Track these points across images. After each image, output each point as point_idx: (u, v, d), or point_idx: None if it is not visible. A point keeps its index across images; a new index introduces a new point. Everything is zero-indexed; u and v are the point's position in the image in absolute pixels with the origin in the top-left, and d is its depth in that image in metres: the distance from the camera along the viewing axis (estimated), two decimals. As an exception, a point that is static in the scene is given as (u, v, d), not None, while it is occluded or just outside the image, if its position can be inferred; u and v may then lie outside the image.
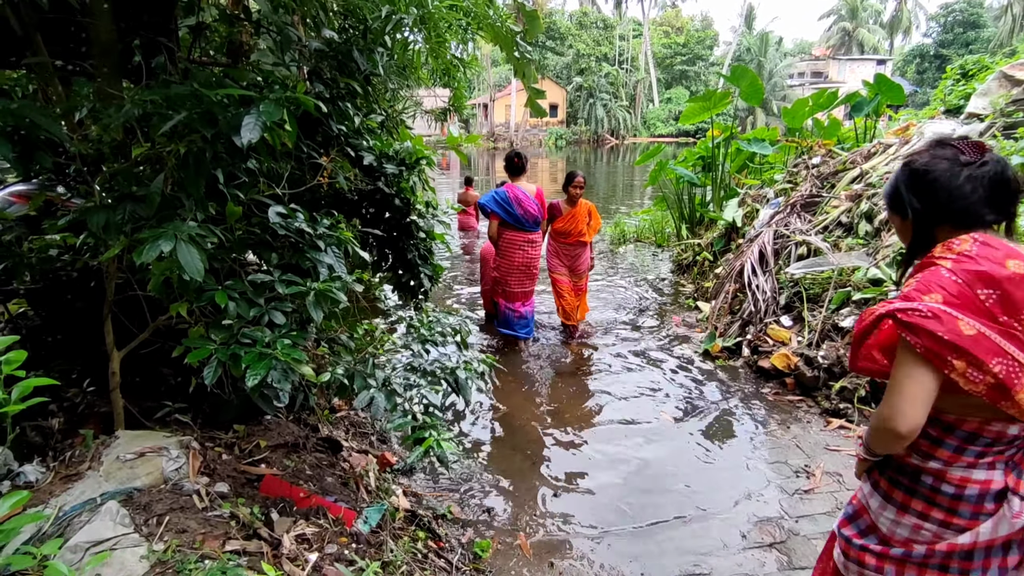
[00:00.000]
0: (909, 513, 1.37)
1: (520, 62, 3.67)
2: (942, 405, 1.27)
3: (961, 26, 49.85)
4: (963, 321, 1.19)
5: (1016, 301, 1.20)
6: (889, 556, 1.40)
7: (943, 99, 7.57)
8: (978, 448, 1.29)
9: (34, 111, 1.55)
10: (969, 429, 1.28)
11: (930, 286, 1.24)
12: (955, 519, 1.32)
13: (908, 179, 1.37)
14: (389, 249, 3.07)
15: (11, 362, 1.17)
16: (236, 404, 2.39)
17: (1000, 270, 1.22)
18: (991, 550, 1.30)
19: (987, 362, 1.17)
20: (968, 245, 1.26)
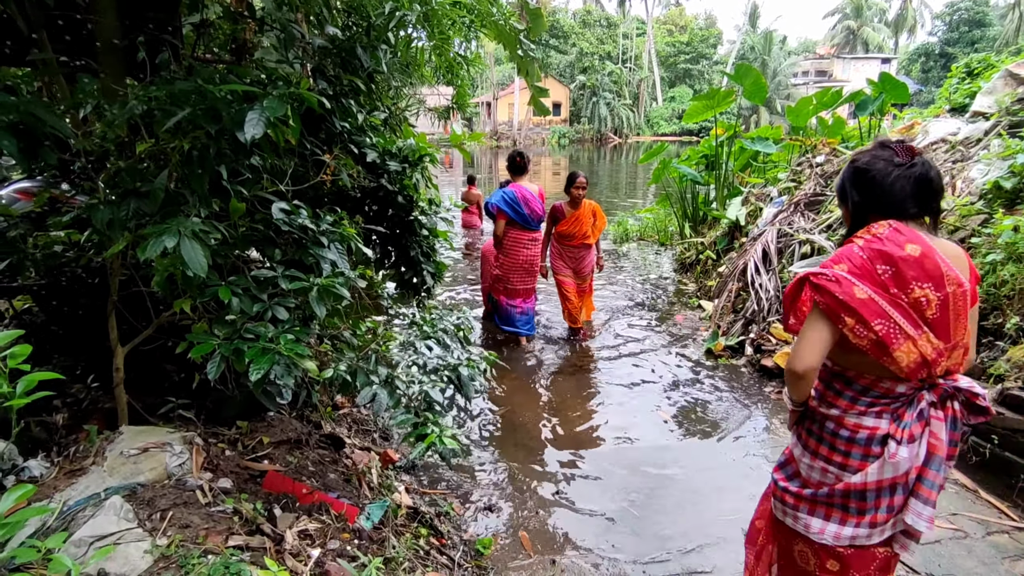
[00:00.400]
0: (818, 458, 1.65)
1: (523, 60, 3.67)
2: (845, 363, 1.58)
3: (967, 24, 49.61)
4: (858, 287, 1.46)
5: (906, 278, 1.45)
6: (803, 496, 1.67)
7: (948, 97, 7.52)
8: (869, 399, 1.56)
9: (39, 107, 1.55)
10: (863, 384, 1.56)
11: (840, 258, 1.53)
12: (849, 461, 1.58)
13: (852, 175, 1.62)
14: (392, 246, 3.07)
15: (16, 356, 1.18)
16: (239, 400, 2.40)
17: (898, 251, 1.45)
18: (880, 491, 1.55)
19: (871, 322, 1.44)
20: (882, 229, 1.50)
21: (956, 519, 2.72)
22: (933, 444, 1.52)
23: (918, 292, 1.45)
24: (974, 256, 3.84)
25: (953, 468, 2.81)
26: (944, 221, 4.33)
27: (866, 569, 1.64)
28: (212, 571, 1.48)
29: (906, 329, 1.45)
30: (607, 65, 46.64)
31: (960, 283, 1.47)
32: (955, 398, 1.53)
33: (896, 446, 1.51)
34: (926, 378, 1.52)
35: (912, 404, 1.54)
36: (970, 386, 1.54)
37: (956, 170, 4.90)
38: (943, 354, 1.49)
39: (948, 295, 1.46)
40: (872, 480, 1.54)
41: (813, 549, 1.69)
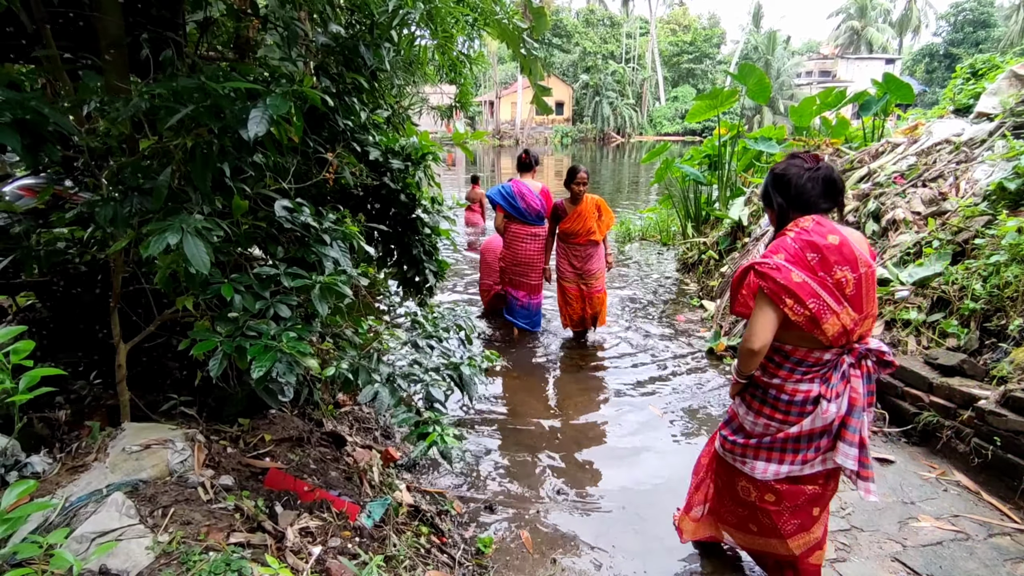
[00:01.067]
0: (762, 416, 2.01)
1: (526, 59, 3.66)
2: (783, 340, 1.89)
3: (971, 25, 49.42)
4: (794, 272, 1.76)
5: (830, 262, 1.77)
6: (749, 445, 2.05)
7: (952, 98, 7.50)
8: (803, 369, 1.90)
9: (43, 104, 1.55)
10: (798, 356, 1.90)
11: (778, 249, 1.83)
12: (789, 418, 1.95)
13: (773, 182, 1.96)
14: (394, 244, 3.07)
15: (19, 352, 1.18)
16: (241, 398, 2.40)
17: (823, 241, 1.78)
18: (812, 437, 1.94)
19: (806, 301, 1.75)
20: (808, 223, 1.84)
21: (958, 521, 2.71)
22: (853, 397, 1.88)
23: (839, 274, 1.78)
24: (977, 258, 3.83)
25: (951, 467, 3.09)
26: (948, 222, 4.32)
27: (795, 500, 2.03)
28: (213, 568, 1.49)
29: (832, 306, 1.77)
30: (610, 64, 46.59)
31: (868, 264, 1.81)
32: (868, 357, 1.89)
33: (827, 403, 1.88)
34: (845, 344, 1.86)
35: (836, 368, 1.90)
36: (879, 346, 1.90)
37: (960, 171, 4.89)
38: (859, 324, 1.83)
39: (861, 275, 1.79)
40: (806, 429, 1.92)
41: (755, 485, 2.08)
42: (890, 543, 2.59)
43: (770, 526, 2.09)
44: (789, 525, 2.05)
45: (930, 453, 3.29)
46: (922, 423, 3.34)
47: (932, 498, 2.90)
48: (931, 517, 2.75)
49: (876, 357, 1.90)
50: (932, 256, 4.10)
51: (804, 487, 2.01)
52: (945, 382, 3.27)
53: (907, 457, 3.27)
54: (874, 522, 2.73)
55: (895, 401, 3.55)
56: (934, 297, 3.90)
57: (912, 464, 3.20)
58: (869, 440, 1.89)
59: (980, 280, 3.68)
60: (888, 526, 2.70)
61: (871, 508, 2.83)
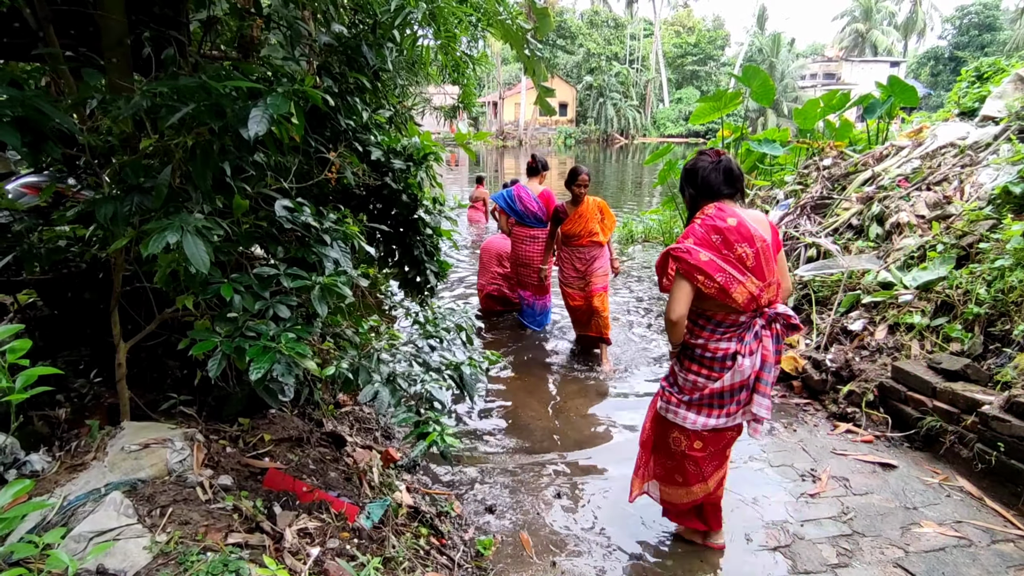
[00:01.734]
0: (691, 373, 2.32)
1: (530, 60, 3.66)
2: (704, 307, 2.24)
3: (976, 28, 49.28)
4: (702, 253, 2.10)
5: (730, 241, 2.10)
6: (683, 400, 2.36)
7: (957, 101, 7.47)
8: (722, 330, 2.24)
9: (44, 102, 1.55)
10: (718, 319, 2.23)
11: (688, 234, 2.18)
12: (713, 373, 2.27)
13: (685, 176, 2.32)
14: (396, 245, 3.06)
15: (15, 351, 1.17)
16: (241, 397, 2.40)
17: (723, 223, 2.11)
18: (733, 391, 2.26)
19: (714, 275, 2.08)
20: (711, 210, 2.18)
21: (961, 527, 2.70)
22: (765, 354, 2.22)
23: (740, 250, 2.11)
24: (982, 262, 3.81)
25: (954, 472, 3.14)
26: (953, 226, 4.30)
27: (718, 444, 2.42)
28: (211, 568, 1.48)
29: (737, 276, 2.11)
30: (614, 66, 46.57)
31: (764, 239, 2.15)
32: (777, 320, 2.24)
33: (742, 359, 2.20)
34: (755, 308, 2.20)
35: (750, 328, 2.23)
36: (785, 311, 2.23)
37: (965, 175, 4.87)
38: (763, 290, 2.17)
39: (758, 249, 2.13)
40: (727, 384, 2.24)
41: (685, 435, 2.41)
42: (892, 549, 2.57)
43: (695, 473, 2.45)
44: (709, 467, 2.46)
45: (933, 458, 3.27)
46: (925, 428, 3.32)
47: (935, 503, 2.88)
48: (934, 523, 2.73)
49: (784, 321, 2.24)
50: (936, 260, 4.08)
51: (724, 434, 2.41)
52: (948, 387, 3.25)
53: (910, 462, 3.25)
54: (876, 527, 2.71)
55: (898, 405, 3.54)
56: (938, 301, 3.88)
57: (915, 469, 3.18)
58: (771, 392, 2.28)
59: (984, 284, 3.66)
60: (890, 531, 2.68)
61: (873, 513, 2.81)
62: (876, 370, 3.79)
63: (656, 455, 2.59)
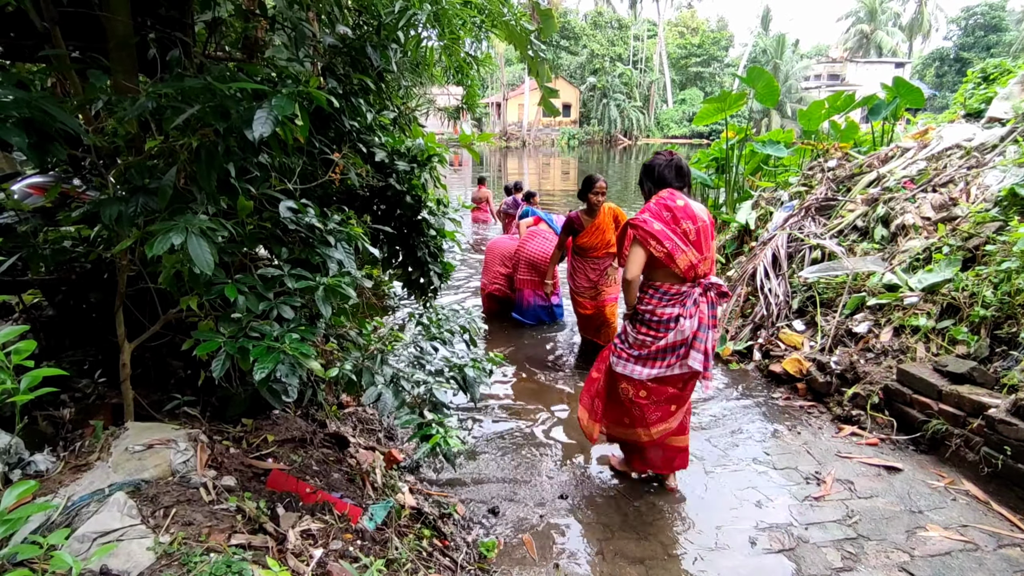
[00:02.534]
0: (641, 334, 2.80)
1: (534, 61, 3.65)
2: (653, 278, 2.76)
3: (982, 29, 49.06)
4: (655, 223, 2.63)
5: (677, 217, 2.63)
6: (631, 355, 2.82)
7: (963, 103, 7.44)
8: (667, 298, 2.72)
9: (50, 103, 1.56)
10: (664, 288, 2.73)
11: (644, 210, 2.72)
12: (658, 333, 2.74)
13: (644, 171, 2.88)
14: (399, 246, 3.06)
15: (20, 352, 1.18)
16: (244, 398, 2.40)
17: (673, 203, 2.67)
18: (675, 347, 2.71)
19: (663, 242, 2.60)
20: (665, 193, 2.74)
21: (967, 531, 2.68)
22: (701, 317, 2.67)
23: (684, 226, 2.64)
24: (988, 264, 3.79)
25: (960, 476, 3.09)
26: (959, 228, 4.28)
27: (660, 396, 2.82)
28: (214, 570, 1.48)
29: (681, 246, 2.62)
30: (618, 67, 46.55)
31: (704, 221, 2.68)
32: (711, 289, 2.70)
33: (684, 320, 2.67)
34: (693, 278, 2.69)
35: (689, 296, 2.70)
36: (717, 282, 2.73)
37: (971, 176, 4.84)
38: (700, 262, 2.67)
39: (699, 227, 2.65)
40: (670, 342, 2.70)
41: (632, 384, 2.83)
42: (897, 552, 2.55)
43: (640, 417, 2.87)
44: (653, 416, 2.85)
45: (939, 461, 3.25)
46: (931, 431, 3.30)
47: (940, 507, 2.86)
48: (939, 527, 2.71)
49: (716, 290, 2.73)
50: (942, 262, 4.06)
51: (667, 388, 2.80)
52: (954, 390, 3.23)
53: (915, 465, 3.23)
54: (881, 531, 2.70)
55: (903, 408, 3.52)
56: (944, 304, 3.85)
57: (920, 472, 3.16)
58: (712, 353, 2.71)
59: (991, 287, 3.64)
60: (895, 535, 2.67)
61: (878, 517, 2.79)
62: (881, 372, 3.78)
63: (608, 403, 3.02)
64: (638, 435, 2.93)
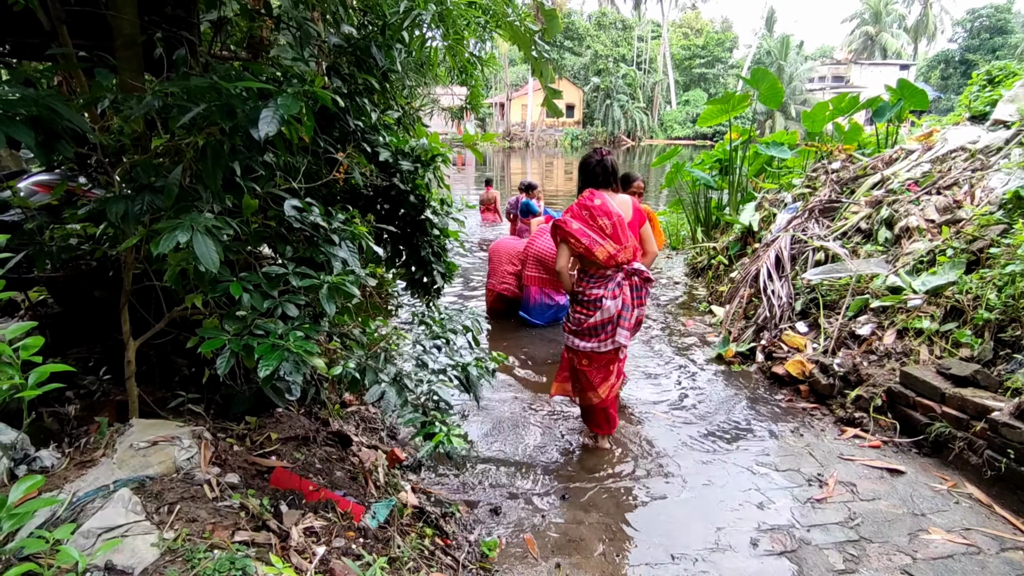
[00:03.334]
0: (576, 312, 3.23)
1: (538, 61, 3.66)
2: (584, 265, 3.18)
3: (988, 31, 48.91)
4: (573, 223, 3.04)
5: (595, 215, 3.03)
6: (573, 330, 3.26)
7: (968, 105, 7.42)
8: (595, 281, 3.15)
9: (57, 101, 1.57)
10: (591, 272, 3.16)
11: (567, 211, 3.13)
12: (589, 312, 3.15)
13: (579, 167, 3.24)
14: (403, 245, 3.07)
15: (28, 348, 1.18)
16: (248, 396, 2.41)
17: (590, 203, 3.06)
18: (603, 325, 3.14)
19: (581, 239, 3.01)
20: (586, 193, 3.12)
21: (970, 534, 2.67)
22: (624, 298, 3.13)
23: (601, 222, 3.05)
24: (992, 267, 3.78)
25: (963, 479, 3.11)
26: (963, 231, 4.27)
27: (600, 363, 3.29)
28: (218, 566, 1.49)
29: (598, 240, 3.04)
30: (621, 67, 46.51)
31: (619, 216, 3.07)
32: (634, 274, 3.16)
33: (607, 301, 3.11)
34: (615, 265, 3.12)
35: (613, 279, 3.14)
36: (640, 268, 3.18)
37: (975, 179, 4.83)
38: (620, 251, 3.08)
39: (614, 222, 3.05)
40: (598, 320, 3.14)
41: (576, 354, 3.32)
42: (899, 555, 2.55)
43: (587, 382, 3.34)
44: (596, 378, 3.32)
45: (942, 464, 3.24)
46: (934, 434, 3.30)
47: (943, 510, 2.86)
48: (942, 530, 2.71)
49: (640, 275, 3.17)
50: (946, 265, 4.05)
51: (603, 356, 3.28)
52: (958, 392, 3.22)
53: (918, 468, 3.22)
54: (883, 533, 2.69)
55: (906, 411, 3.51)
56: (947, 306, 3.85)
57: (923, 475, 3.16)
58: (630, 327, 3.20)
59: (995, 290, 3.63)
60: (898, 538, 2.66)
61: (881, 519, 2.79)
62: (884, 375, 3.77)
63: (566, 370, 3.53)
64: (590, 398, 3.38)
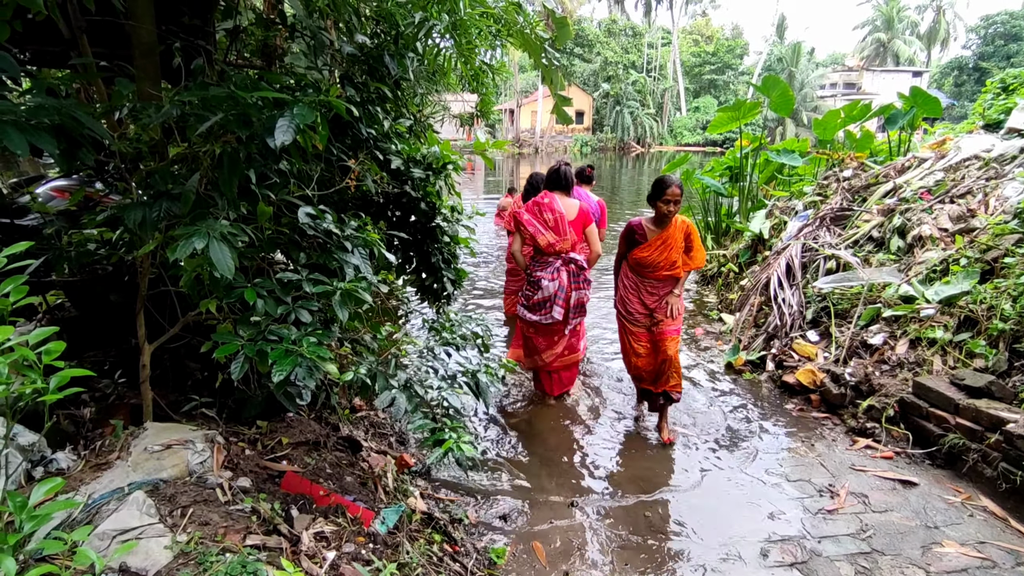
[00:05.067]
0: (527, 289, 3.96)
1: (548, 69, 3.68)
2: (535, 253, 3.90)
3: (1002, 38, 48.46)
4: (525, 215, 3.84)
5: (543, 210, 3.80)
6: (525, 304, 3.97)
7: (982, 113, 7.35)
8: (539, 266, 3.88)
9: (78, 109, 1.60)
10: (538, 259, 3.89)
11: (525, 207, 3.91)
12: (535, 290, 3.87)
13: (546, 174, 4.08)
14: (414, 252, 3.09)
15: (50, 352, 1.21)
16: (260, 401, 2.43)
17: (542, 201, 3.82)
18: (545, 302, 3.86)
19: (528, 228, 3.81)
20: (543, 193, 3.88)
21: (984, 547, 2.64)
22: (561, 282, 3.81)
23: (546, 216, 3.76)
24: (1007, 277, 3.74)
25: (977, 491, 3.07)
26: (977, 240, 4.23)
27: (545, 334, 3.99)
28: (229, 570, 1.50)
29: (542, 231, 3.75)
30: (631, 74, 46.52)
31: (562, 213, 3.75)
32: (571, 262, 3.83)
33: (547, 282, 3.79)
34: (555, 253, 3.79)
35: (553, 265, 3.81)
36: (576, 257, 3.84)
37: (990, 188, 4.79)
38: (557, 242, 3.76)
39: (556, 217, 3.75)
40: (540, 297, 3.83)
41: (527, 325, 4.01)
42: (912, 568, 2.52)
43: (532, 347, 4.07)
44: (541, 344, 4.03)
45: (955, 476, 3.20)
46: (947, 445, 3.26)
47: (957, 523, 2.82)
48: (956, 543, 2.67)
49: (576, 263, 3.85)
50: (960, 274, 4.01)
51: (545, 327, 3.97)
52: (972, 404, 3.19)
53: (931, 480, 3.19)
54: (896, 546, 2.66)
55: (919, 422, 3.47)
56: (961, 316, 3.81)
57: (936, 487, 3.12)
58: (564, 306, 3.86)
59: (1010, 300, 3.59)
60: (911, 551, 2.63)
61: (893, 532, 2.76)
62: (897, 385, 3.73)
63: (520, 339, 4.18)
64: (536, 362, 4.10)
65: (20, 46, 2.56)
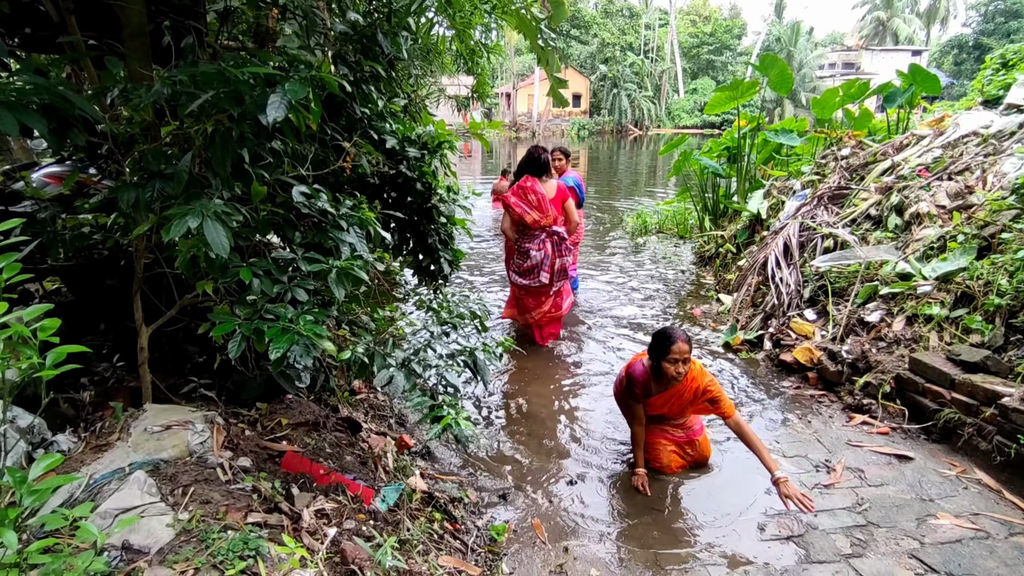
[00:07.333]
0: (518, 258, 4.65)
1: (544, 50, 3.64)
2: (522, 229, 4.59)
3: (1003, 15, 47.98)
4: (512, 198, 4.52)
5: (527, 192, 4.48)
6: (515, 270, 4.68)
7: (981, 89, 7.30)
8: (528, 238, 4.57)
9: (69, 90, 1.58)
10: (526, 233, 4.58)
11: (511, 191, 4.58)
12: (524, 259, 4.59)
13: (523, 160, 4.65)
14: (410, 233, 3.08)
15: (45, 329, 1.21)
16: (259, 382, 2.44)
17: (525, 185, 4.49)
18: (533, 268, 4.56)
19: (515, 208, 4.50)
20: (524, 178, 4.52)
21: (978, 519, 2.67)
22: (546, 251, 4.52)
23: (530, 197, 4.44)
24: (1004, 253, 3.74)
25: (972, 465, 3.10)
26: (974, 216, 4.22)
27: (533, 294, 4.66)
28: (231, 546, 1.52)
29: (527, 210, 4.45)
30: (628, 56, 46.05)
31: (543, 195, 4.44)
32: (554, 235, 4.52)
33: (535, 252, 4.51)
34: (539, 227, 4.49)
35: (539, 237, 4.51)
36: (558, 230, 4.54)
37: (988, 164, 4.77)
38: (541, 218, 4.45)
39: (538, 197, 4.43)
40: (528, 265, 4.53)
41: (518, 288, 4.68)
42: (907, 540, 2.55)
43: (523, 307, 4.73)
44: (531, 304, 4.69)
45: (951, 450, 3.23)
46: (943, 420, 3.29)
47: (952, 496, 2.86)
48: (950, 515, 2.71)
49: (558, 235, 4.50)
50: (956, 250, 4.01)
51: (534, 290, 4.61)
52: (967, 378, 3.21)
53: (927, 454, 3.22)
54: (891, 518, 2.70)
55: (915, 397, 3.50)
56: (958, 292, 3.82)
57: (932, 461, 3.15)
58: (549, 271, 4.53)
59: (1006, 276, 3.60)
60: (906, 523, 2.67)
61: (889, 505, 2.79)
62: (893, 361, 3.75)
63: (513, 301, 4.85)
64: (526, 318, 4.77)
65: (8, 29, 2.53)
